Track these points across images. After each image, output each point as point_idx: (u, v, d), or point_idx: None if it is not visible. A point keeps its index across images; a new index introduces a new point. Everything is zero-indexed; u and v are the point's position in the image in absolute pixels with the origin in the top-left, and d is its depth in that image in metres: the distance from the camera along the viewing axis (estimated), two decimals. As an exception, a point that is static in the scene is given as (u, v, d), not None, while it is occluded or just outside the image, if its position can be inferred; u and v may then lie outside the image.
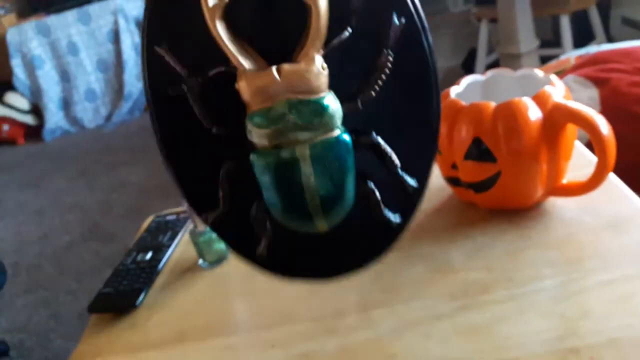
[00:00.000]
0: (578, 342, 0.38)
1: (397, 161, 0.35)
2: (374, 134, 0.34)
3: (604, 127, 0.46)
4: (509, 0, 1.96)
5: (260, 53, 0.32)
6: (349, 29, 0.32)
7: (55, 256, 2.08)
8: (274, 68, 0.31)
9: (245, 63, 0.31)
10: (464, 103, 0.50)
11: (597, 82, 1.04)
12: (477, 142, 0.49)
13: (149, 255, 0.60)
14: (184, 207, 0.64)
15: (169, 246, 0.61)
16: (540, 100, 0.48)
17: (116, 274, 0.58)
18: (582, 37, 2.11)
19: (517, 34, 1.96)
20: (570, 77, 1.08)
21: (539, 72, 0.54)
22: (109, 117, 3.47)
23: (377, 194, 0.36)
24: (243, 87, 0.31)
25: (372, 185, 0.36)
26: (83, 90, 3.43)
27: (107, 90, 3.46)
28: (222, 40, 0.31)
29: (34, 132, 3.51)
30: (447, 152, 0.51)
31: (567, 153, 0.51)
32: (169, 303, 0.54)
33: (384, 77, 0.33)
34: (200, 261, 0.58)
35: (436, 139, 0.36)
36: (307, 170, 0.33)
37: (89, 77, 3.43)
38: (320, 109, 0.31)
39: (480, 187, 0.51)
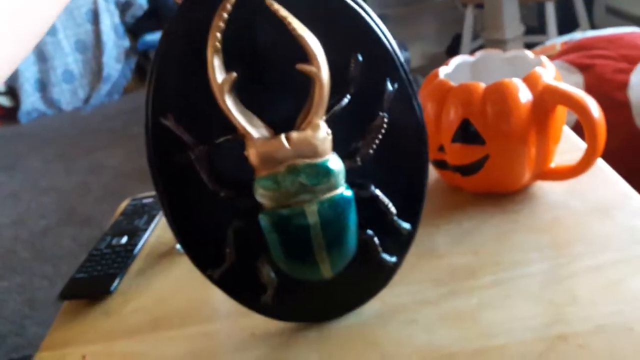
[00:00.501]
0: (566, 329, 0.38)
1: (393, 209, 0.38)
2: (372, 187, 0.37)
3: (595, 109, 0.45)
4: (494, -15, 1.95)
5: (264, 118, 0.34)
6: (348, 96, 0.35)
7: (30, 241, 2.04)
8: (283, 136, 0.33)
9: (254, 132, 0.33)
10: (453, 84, 0.49)
11: (582, 68, 1.04)
12: (465, 124, 0.47)
13: (124, 239, 0.58)
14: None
15: (145, 230, 0.59)
16: (530, 81, 0.47)
17: (90, 259, 0.55)
18: (567, 24, 2.11)
19: (503, 20, 1.95)
20: (555, 62, 1.07)
21: (529, 54, 0.53)
22: (87, 100, 3.40)
23: (376, 240, 0.39)
24: (253, 154, 0.33)
25: (371, 232, 0.39)
26: (60, 71, 3.35)
27: (85, 71, 3.39)
28: (231, 113, 0.33)
29: (9, 114, 3.42)
30: (434, 134, 0.50)
31: (556, 136, 0.50)
32: (145, 289, 0.52)
33: (380, 136, 0.36)
34: (178, 246, 0.56)
35: (425, 186, 0.39)
36: (316, 227, 0.35)
37: (67, 58, 3.35)
38: (326, 171, 0.34)
39: (468, 170, 0.49)
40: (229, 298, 0.41)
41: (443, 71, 0.52)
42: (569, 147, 0.55)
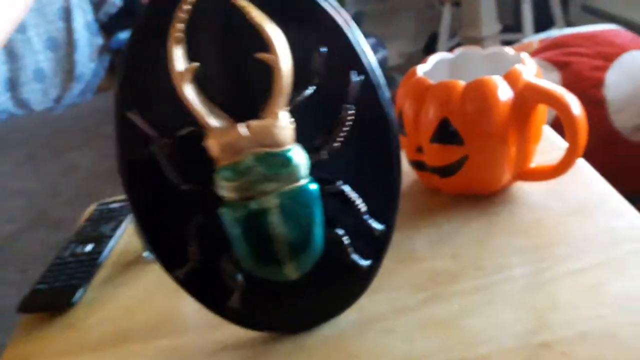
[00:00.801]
0: (549, 336, 0.36)
1: (362, 207, 0.37)
2: (339, 182, 0.36)
3: (576, 107, 0.44)
4: (471, -17, 1.95)
5: (228, 111, 0.34)
6: (311, 87, 0.34)
7: (-2, 245, 1.98)
8: (242, 124, 0.33)
9: (213, 122, 0.33)
10: (431, 82, 0.47)
11: (559, 65, 1.03)
12: (444, 124, 0.46)
13: (89, 247, 0.55)
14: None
15: (111, 237, 0.56)
16: (511, 79, 0.45)
17: (52, 268, 0.53)
18: (543, 23, 2.12)
19: (480, 18, 1.96)
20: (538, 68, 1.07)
21: (509, 50, 0.51)
22: (58, 99, 3.32)
23: (345, 239, 0.37)
24: (212, 143, 0.33)
25: (340, 231, 0.37)
26: (31, 70, 3.26)
27: (57, 70, 3.30)
28: (189, 103, 0.33)
29: (-22, 115, 3.33)
30: (412, 134, 0.48)
31: (537, 136, 0.48)
32: (110, 300, 0.49)
33: (346, 129, 0.35)
34: (146, 253, 0.53)
35: (399, 184, 0.38)
36: (276, 220, 0.35)
37: (38, 57, 3.26)
38: (286, 160, 0.34)
39: (446, 171, 0.48)
40: (199, 310, 0.39)
41: (421, 69, 0.50)
42: (548, 146, 0.54)
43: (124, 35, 3.30)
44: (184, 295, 0.46)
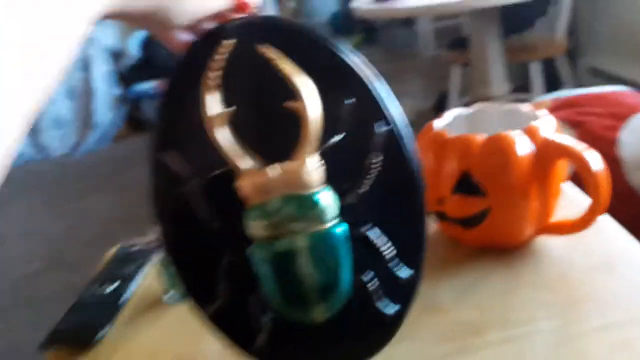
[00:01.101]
0: (578, 391, 0.36)
1: (389, 253, 0.38)
2: (362, 227, 0.37)
3: (596, 163, 0.45)
4: (481, 44, 2.01)
5: (258, 154, 0.35)
6: (339, 135, 0.36)
7: (15, 286, 1.98)
8: (271, 167, 0.34)
9: (243, 164, 0.34)
10: (450, 135, 0.49)
11: (574, 124, 1.05)
12: (465, 176, 0.47)
13: (112, 287, 0.55)
14: (152, 236, 0.60)
15: (133, 278, 0.56)
16: (530, 134, 0.47)
17: (75, 308, 0.53)
18: (551, 84, 2.17)
19: (489, 77, 2.00)
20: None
21: (525, 107, 0.53)
22: (76, 146, 3.38)
23: (371, 285, 0.38)
24: (242, 185, 0.35)
25: (368, 276, 0.38)
26: (51, 117, 3.34)
27: (75, 118, 3.38)
28: (220, 146, 0.34)
29: (-5, 159, 3.38)
30: (433, 186, 0.49)
31: (557, 190, 0.49)
32: (132, 340, 0.49)
33: (371, 176, 0.36)
34: (167, 296, 0.54)
35: (424, 229, 0.39)
36: (304, 261, 0.35)
37: (57, 104, 3.35)
38: (313, 203, 0.34)
39: (469, 222, 0.49)
40: (219, 351, 0.40)
41: (438, 123, 0.52)
42: (568, 201, 0.55)
43: (141, 86, 3.39)
44: (205, 338, 0.46)
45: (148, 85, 3.34)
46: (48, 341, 0.49)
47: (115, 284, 0.56)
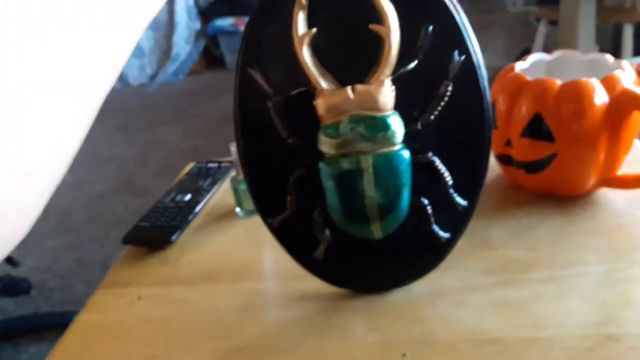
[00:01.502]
0: (617, 330, 0.37)
1: (450, 180, 0.39)
2: (430, 153, 0.39)
3: (673, 118, 0.44)
4: (573, 1, 1.90)
5: (337, 76, 0.37)
6: (415, 61, 0.37)
7: (86, 204, 2.13)
8: (348, 87, 0.36)
9: (324, 84, 0.36)
10: (528, 78, 0.49)
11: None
12: (537, 120, 0.47)
13: (188, 196, 0.60)
14: (231, 156, 0.64)
15: (208, 191, 0.61)
16: (608, 83, 0.46)
17: (154, 210, 0.58)
18: (643, 50, 2.04)
19: (577, 38, 1.90)
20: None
21: (609, 57, 0.52)
22: (153, 76, 3.51)
23: (429, 209, 0.40)
24: (320, 103, 0.36)
25: (425, 201, 0.40)
26: (132, 47, 3.47)
27: (155, 49, 3.50)
28: (306, 64, 0.36)
29: (80, 83, 3.56)
30: (503, 127, 0.50)
31: (627, 145, 0.49)
32: (203, 243, 0.54)
33: (442, 104, 0.37)
34: (238, 209, 0.58)
35: (486, 164, 0.40)
36: (369, 179, 0.37)
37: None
38: (385, 125, 0.36)
39: (533, 167, 0.49)
40: (283, 260, 0.43)
41: (519, 66, 0.52)
42: (636, 158, 0.54)
43: (220, 22, 3.44)
44: (269, 247, 0.50)
45: (227, 22, 3.39)
46: (129, 236, 0.55)
47: (190, 195, 0.61)
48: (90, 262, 1.77)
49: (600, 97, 0.46)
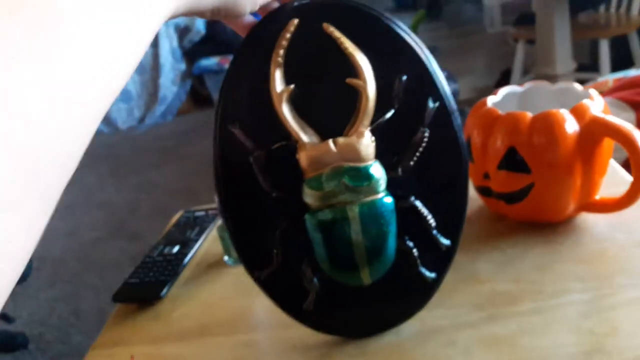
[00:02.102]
0: (605, 358, 0.37)
1: (432, 222, 0.40)
2: (412, 198, 0.40)
3: (643, 143, 0.45)
4: (548, 21, 1.94)
5: (316, 127, 0.38)
6: (392, 111, 0.38)
7: (80, 252, 2.12)
8: (330, 141, 0.37)
9: (305, 137, 0.37)
10: (500, 112, 0.50)
11: (634, 105, 1.02)
12: (511, 152, 0.48)
13: (176, 248, 0.61)
14: (213, 204, 0.64)
15: (196, 241, 0.61)
16: (578, 113, 0.47)
17: (143, 265, 0.58)
18: (621, 63, 2.07)
19: (555, 55, 1.94)
20: (607, 99, 1.07)
21: (577, 86, 0.53)
22: (142, 119, 3.53)
23: (415, 251, 0.40)
24: (302, 157, 0.37)
25: (410, 243, 0.40)
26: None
27: (142, 92, 3.53)
28: (287, 120, 0.37)
29: (69, 131, 3.57)
30: (480, 161, 0.51)
31: (602, 169, 0.50)
32: (193, 296, 0.54)
33: (421, 150, 0.39)
34: (226, 258, 0.58)
35: (465, 204, 0.41)
36: (356, 228, 0.38)
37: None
38: (368, 175, 0.37)
39: (512, 198, 0.50)
40: (272, 310, 0.43)
41: (491, 100, 0.53)
42: (615, 180, 0.55)
43: (205, 62, 3.49)
44: (259, 296, 0.50)
45: (212, 61, 3.43)
46: (119, 294, 0.55)
47: (178, 246, 0.61)
48: (86, 311, 1.75)
49: (571, 126, 0.47)
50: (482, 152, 0.51)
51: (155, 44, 3.47)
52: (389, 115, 0.38)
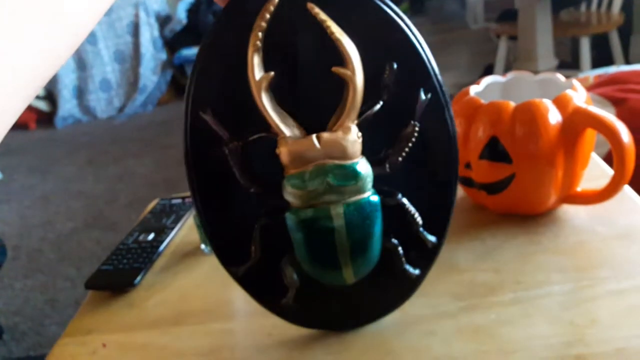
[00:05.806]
0: (584, 350, 0.37)
1: (419, 220, 0.38)
2: (399, 195, 0.37)
3: (625, 134, 0.45)
4: (530, 18, 1.96)
5: (297, 118, 0.35)
6: (381, 102, 0.35)
7: (57, 242, 2.09)
8: (313, 136, 0.34)
9: (287, 131, 0.34)
10: (482, 101, 0.49)
11: (615, 101, 1.03)
12: (493, 142, 0.48)
13: (151, 236, 0.59)
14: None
15: (172, 229, 0.60)
16: (560, 103, 0.47)
17: (116, 252, 0.57)
18: (601, 60, 2.10)
19: (536, 52, 1.96)
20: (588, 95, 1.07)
21: (560, 77, 0.53)
22: (121, 109, 3.48)
23: (400, 249, 0.39)
24: (283, 152, 0.34)
25: (395, 241, 0.39)
26: (98, 80, 3.45)
27: (122, 81, 3.48)
28: (266, 110, 0.34)
29: (46, 118, 3.52)
30: (462, 151, 0.50)
31: (584, 161, 0.50)
32: (168, 285, 0.53)
33: (410, 145, 0.36)
34: (203, 246, 0.57)
35: (453, 200, 0.39)
36: (340, 229, 0.35)
37: (105, 68, 3.45)
38: (354, 173, 0.34)
39: (494, 188, 0.50)
40: (249, 299, 0.42)
41: (473, 89, 0.53)
42: (596, 173, 0.55)
43: (186, 52, 3.45)
44: (235, 285, 0.49)
45: (193, 51, 3.39)
46: (92, 281, 0.54)
47: (154, 234, 0.59)
48: (62, 302, 1.73)
49: (554, 117, 0.47)
50: (463, 142, 0.50)
51: (135, 33, 3.42)
52: (377, 107, 0.35)
